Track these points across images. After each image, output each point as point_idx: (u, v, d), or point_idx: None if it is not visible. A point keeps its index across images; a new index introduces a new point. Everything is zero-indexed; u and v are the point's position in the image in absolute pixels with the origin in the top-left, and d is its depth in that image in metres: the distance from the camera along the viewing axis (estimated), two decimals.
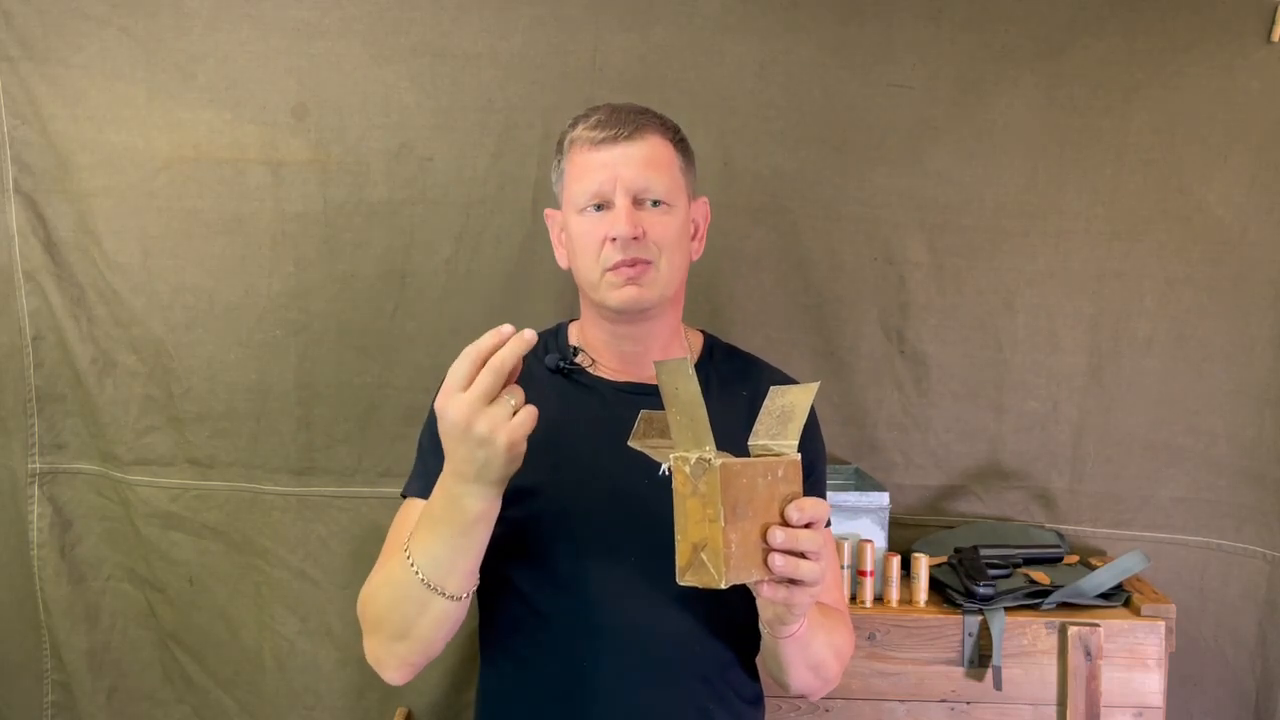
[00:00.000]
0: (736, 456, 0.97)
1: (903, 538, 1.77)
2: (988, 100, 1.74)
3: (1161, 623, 1.59)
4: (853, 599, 1.65)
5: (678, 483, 0.97)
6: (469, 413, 0.98)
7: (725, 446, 0.97)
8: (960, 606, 1.61)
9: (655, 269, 1.20)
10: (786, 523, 0.98)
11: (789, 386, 1.04)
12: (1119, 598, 1.65)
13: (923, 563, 1.66)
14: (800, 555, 0.98)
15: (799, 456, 1.01)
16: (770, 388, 1.04)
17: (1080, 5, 1.71)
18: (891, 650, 1.61)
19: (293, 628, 1.80)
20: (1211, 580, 1.79)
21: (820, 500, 1.01)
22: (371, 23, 1.71)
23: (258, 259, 1.75)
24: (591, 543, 1.20)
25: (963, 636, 1.60)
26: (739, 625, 1.22)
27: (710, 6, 1.72)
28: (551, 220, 1.32)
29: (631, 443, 1.07)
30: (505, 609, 1.24)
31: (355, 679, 1.80)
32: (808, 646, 1.16)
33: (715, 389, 1.29)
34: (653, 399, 1.01)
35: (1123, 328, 1.77)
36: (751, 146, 1.74)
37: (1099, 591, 1.63)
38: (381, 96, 1.72)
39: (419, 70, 1.72)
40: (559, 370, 1.28)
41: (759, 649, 1.25)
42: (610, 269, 1.20)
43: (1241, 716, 1.81)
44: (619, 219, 1.18)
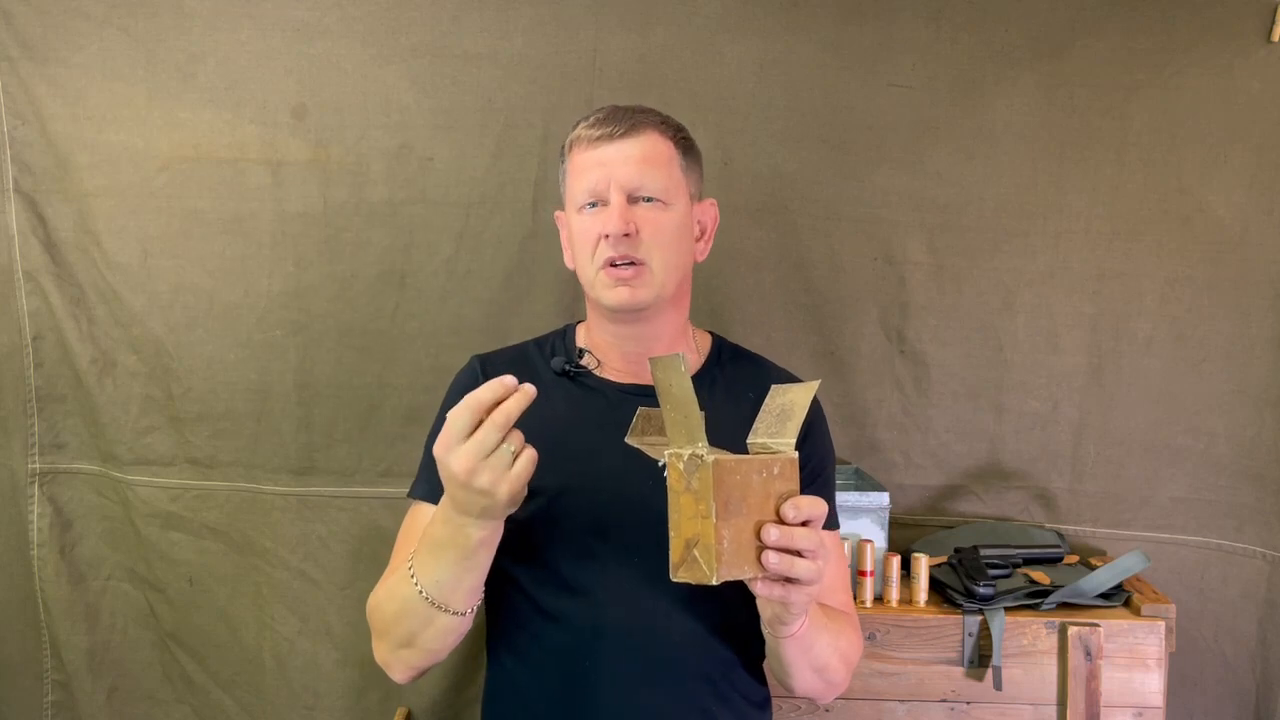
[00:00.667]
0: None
1: (903, 538, 1.78)
2: (988, 100, 1.74)
3: (1161, 623, 1.59)
4: (853, 599, 1.64)
5: (672, 479, 0.96)
6: (470, 465, 0.97)
7: (733, 450, 0.96)
8: (960, 606, 1.61)
9: (648, 270, 1.20)
10: (783, 520, 0.98)
11: (789, 385, 1.04)
12: (1119, 598, 1.65)
13: (923, 563, 1.66)
14: (796, 553, 0.98)
15: (796, 454, 1.00)
16: (771, 386, 1.04)
17: (1080, 5, 1.71)
18: (891, 650, 1.61)
19: (293, 628, 1.80)
20: (1211, 580, 1.79)
21: (818, 499, 1.00)
22: (371, 23, 1.71)
23: (258, 259, 1.75)
24: (596, 544, 1.20)
25: (963, 636, 1.60)
26: (744, 627, 1.21)
27: (710, 6, 1.72)
28: (560, 222, 1.32)
29: (628, 440, 1.06)
30: (510, 609, 1.24)
31: (355, 679, 1.80)
32: (810, 648, 1.16)
33: (722, 391, 1.29)
34: (656, 400, 1.01)
35: (1123, 328, 1.77)
36: (751, 146, 1.75)
37: (1099, 591, 1.63)
38: (381, 96, 1.72)
39: (419, 70, 1.72)
40: (565, 373, 1.28)
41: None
42: (604, 267, 1.20)
43: (1241, 716, 1.81)
44: (611, 215, 1.18)
